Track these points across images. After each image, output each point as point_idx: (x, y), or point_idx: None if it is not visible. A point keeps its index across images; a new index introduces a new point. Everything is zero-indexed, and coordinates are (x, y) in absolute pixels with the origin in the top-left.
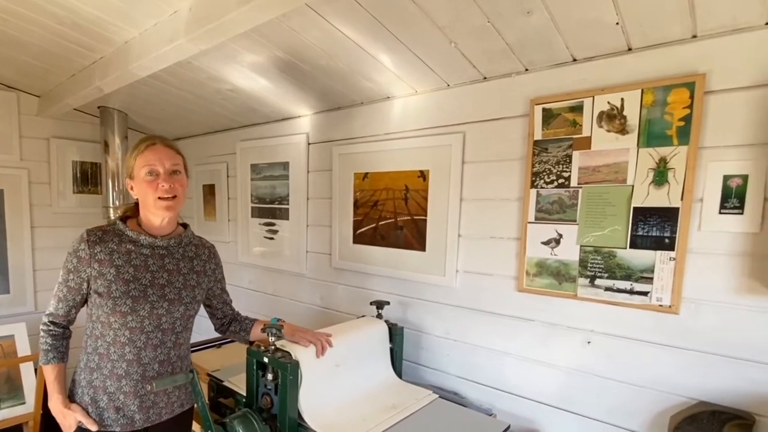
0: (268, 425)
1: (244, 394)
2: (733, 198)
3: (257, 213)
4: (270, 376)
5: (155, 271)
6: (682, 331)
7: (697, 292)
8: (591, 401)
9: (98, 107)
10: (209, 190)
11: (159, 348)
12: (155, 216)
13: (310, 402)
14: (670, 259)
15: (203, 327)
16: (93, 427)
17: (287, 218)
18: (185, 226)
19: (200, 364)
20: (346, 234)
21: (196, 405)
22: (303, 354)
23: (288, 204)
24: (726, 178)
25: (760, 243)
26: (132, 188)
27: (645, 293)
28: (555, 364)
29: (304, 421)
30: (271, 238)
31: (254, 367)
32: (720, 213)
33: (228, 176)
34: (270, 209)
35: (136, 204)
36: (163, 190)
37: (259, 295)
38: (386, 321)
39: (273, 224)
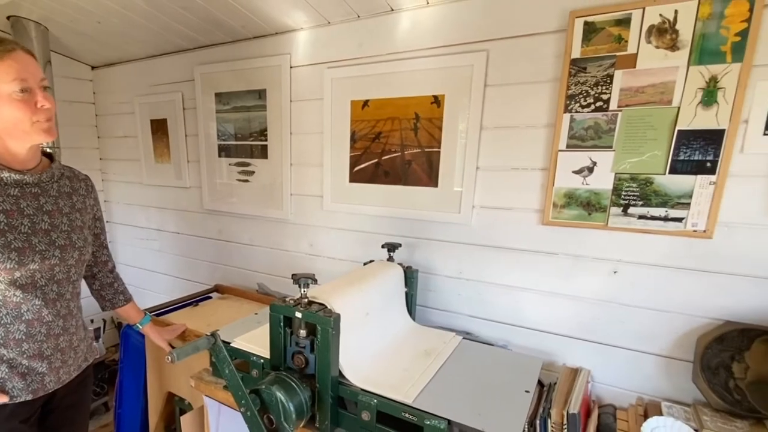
0: (308, 386)
1: (259, 355)
2: None
3: (226, 152)
4: (303, 333)
5: (32, 215)
6: (713, 255)
7: (733, 215)
8: (614, 330)
9: (8, 18)
10: (159, 127)
11: (58, 302)
12: (25, 145)
13: (346, 356)
14: (709, 184)
15: (164, 286)
16: (3, 398)
17: (265, 156)
18: (50, 156)
19: (187, 325)
20: (341, 172)
21: (222, 374)
22: (338, 302)
23: (266, 140)
24: None
25: None
26: None
27: (680, 219)
28: (577, 295)
29: (344, 377)
30: (246, 180)
31: (280, 324)
32: (764, 134)
33: (184, 108)
34: (243, 147)
35: None
36: (45, 110)
37: (233, 245)
38: (399, 264)
39: (247, 164)
